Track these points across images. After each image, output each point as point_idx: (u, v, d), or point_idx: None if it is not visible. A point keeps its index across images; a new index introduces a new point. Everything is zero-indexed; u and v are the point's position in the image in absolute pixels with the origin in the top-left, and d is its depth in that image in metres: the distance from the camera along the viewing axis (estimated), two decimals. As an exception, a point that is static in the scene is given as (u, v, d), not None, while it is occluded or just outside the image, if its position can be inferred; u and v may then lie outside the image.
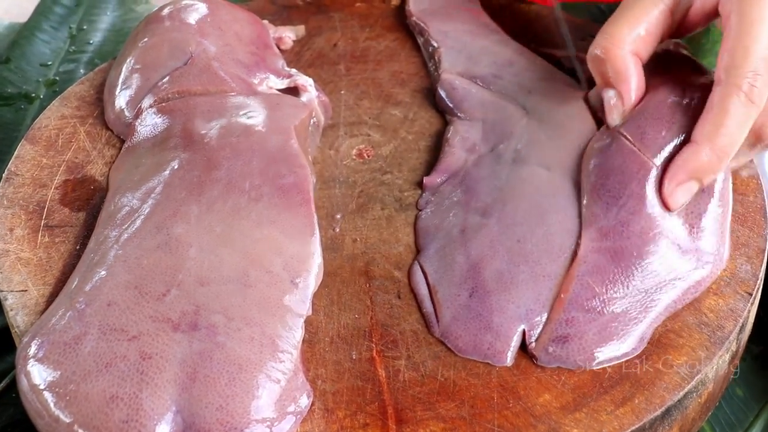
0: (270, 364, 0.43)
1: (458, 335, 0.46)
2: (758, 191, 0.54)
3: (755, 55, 0.48)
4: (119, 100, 0.59)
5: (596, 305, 0.46)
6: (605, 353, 0.45)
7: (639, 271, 0.47)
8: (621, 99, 0.53)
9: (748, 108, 0.48)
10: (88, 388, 0.41)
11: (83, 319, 0.44)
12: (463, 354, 0.46)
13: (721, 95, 0.48)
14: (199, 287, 0.45)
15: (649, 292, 0.46)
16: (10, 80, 0.81)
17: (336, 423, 0.43)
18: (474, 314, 0.47)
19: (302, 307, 0.45)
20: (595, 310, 0.46)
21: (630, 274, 0.47)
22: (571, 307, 0.46)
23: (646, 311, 0.46)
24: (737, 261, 0.50)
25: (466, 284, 0.48)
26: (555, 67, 0.63)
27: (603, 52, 0.52)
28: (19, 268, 0.50)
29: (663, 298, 0.47)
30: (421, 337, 0.47)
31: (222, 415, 0.41)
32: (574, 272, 0.47)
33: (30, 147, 0.58)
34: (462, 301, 0.47)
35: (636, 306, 0.46)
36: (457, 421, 0.42)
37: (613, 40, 0.52)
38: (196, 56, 0.60)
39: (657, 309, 0.46)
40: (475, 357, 0.45)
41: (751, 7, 0.48)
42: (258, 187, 0.50)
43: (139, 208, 0.50)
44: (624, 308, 0.46)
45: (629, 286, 0.46)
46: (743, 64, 0.48)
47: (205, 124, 0.55)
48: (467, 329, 0.46)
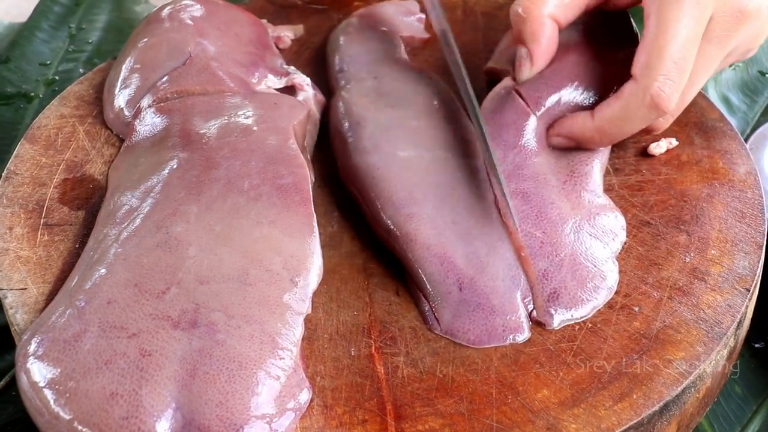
0: (270, 361, 0.43)
1: (467, 329, 0.47)
2: (756, 188, 0.54)
3: (669, 58, 0.49)
4: (118, 100, 0.59)
5: (549, 250, 0.49)
6: (592, 295, 0.47)
7: (548, 208, 0.51)
8: (530, 58, 0.55)
9: (649, 112, 0.50)
10: (88, 385, 0.41)
11: (83, 316, 0.44)
12: (480, 345, 0.46)
13: (630, 92, 0.51)
14: (199, 285, 0.45)
15: (574, 227, 0.50)
16: (9, 80, 0.81)
17: (335, 419, 0.43)
18: (473, 306, 0.47)
19: (302, 305, 0.46)
20: (553, 255, 0.48)
21: (543, 212, 0.50)
22: (537, 261, 0.48)
23: (584, 244, 0.49)
24: (735, 257, 0.50)
25: (449, 279, 0.48)
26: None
27: (524, 10, 0.54)
28: (18, 267, 0.50)
29: (585, 226, 0.50)
30: (419, 333, 0.47)
31: (222, 412, 0.41)
32: (508, 222, 0.50)
33: (29, 146, 0.59)
34: (455, 297, 0.47)
35: (573, 241, 0.49)
36: (455, 416, 0.43)
37: (535, 1, 0.54)
38: (194, 56, 0.60)
39: (589, 240, 0.49)
40: (494, 344, 0.46)
41: (670, 7, 0.49)
42: (257, 186, 0.51)
43: (138, 206, 0.50)
44: (570, 246, 0.49)
45: (548, 222, 0.50)
46: (656, 66, 0.49)
47: (203, 124, 0.55)
48: (474, 322, 0.47)
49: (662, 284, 0.49)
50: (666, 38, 0.49)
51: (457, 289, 0.48)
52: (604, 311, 0.48)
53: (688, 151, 0.57)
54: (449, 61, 0.58)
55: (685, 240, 0.51)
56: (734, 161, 0.56)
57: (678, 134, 0.58)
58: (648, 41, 0.50)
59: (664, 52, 0.49)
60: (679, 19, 0.49)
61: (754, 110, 0.76)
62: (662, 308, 0.48)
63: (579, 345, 0.46)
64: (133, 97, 0.59)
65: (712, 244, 0.51)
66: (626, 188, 0.55)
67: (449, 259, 0.49)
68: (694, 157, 0.57)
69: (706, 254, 0.51)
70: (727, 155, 0.57)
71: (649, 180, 0.55)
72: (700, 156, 0.57)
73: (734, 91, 0.76)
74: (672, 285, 0.49)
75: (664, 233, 0.52)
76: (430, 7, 0.61)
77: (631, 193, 0.55)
